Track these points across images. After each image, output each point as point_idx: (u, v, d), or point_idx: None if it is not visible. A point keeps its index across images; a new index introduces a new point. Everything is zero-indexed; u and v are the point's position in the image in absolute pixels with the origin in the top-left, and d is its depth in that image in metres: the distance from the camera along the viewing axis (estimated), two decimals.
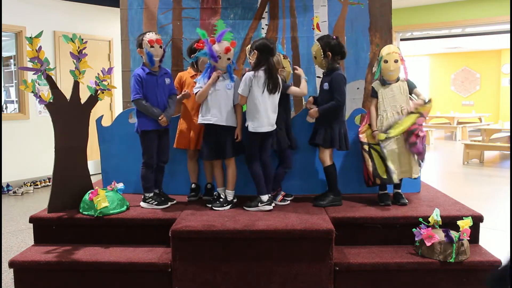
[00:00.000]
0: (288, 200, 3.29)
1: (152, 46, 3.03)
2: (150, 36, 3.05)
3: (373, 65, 3.75)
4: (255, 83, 2.99)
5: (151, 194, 3.16)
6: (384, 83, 3.22)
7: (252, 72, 3.01)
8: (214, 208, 3.11)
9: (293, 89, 3.22)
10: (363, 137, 3.22)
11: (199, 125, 3.25)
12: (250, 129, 3.05)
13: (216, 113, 3.07)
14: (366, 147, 3.18)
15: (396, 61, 3.15)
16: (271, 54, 3.02)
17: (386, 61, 3.16)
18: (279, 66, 3.17)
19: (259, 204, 3.09)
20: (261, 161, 3.12)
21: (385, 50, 3.20)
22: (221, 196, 3.19)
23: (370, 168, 3.15)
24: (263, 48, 3.00)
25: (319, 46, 3.15)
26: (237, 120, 3.14)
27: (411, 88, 3.23)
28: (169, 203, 3.17)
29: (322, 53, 3.14)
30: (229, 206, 3.14)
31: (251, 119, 3.06)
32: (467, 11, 7.59)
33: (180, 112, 3.45)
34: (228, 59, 3.07)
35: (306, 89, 3.26)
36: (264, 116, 3.03)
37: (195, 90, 3.10)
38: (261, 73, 3.00)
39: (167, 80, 3.19)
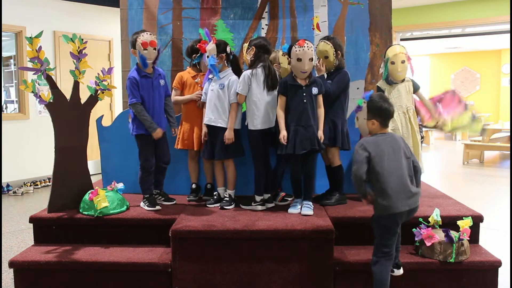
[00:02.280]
0: (288, 200, 3.29)
1: (145, 49, 2.97)
2: (145, 37, 2.98)
3: (374, 65, 3.75)
4: (254, 81, 3.00)
5: (147, 196, 3.16)
6: (391, 83, 3.23)
7: (249, 71, 3.02)
8: (224, 208, 3.12)
9: None
10: None
11: (201, 126, 3.26)
12: (251, 127, 3.05)
13: (209, 113, 3.12)
14: None
15: (403, 62, 3.18)
16: (268, 53, 3.06)
17: (393, 63, 3.18)
18: (275, 62, 3.19)
19: (252, 203, 3.10)
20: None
21: (391, 52, 3.21)
22: (225, 195, 3.21)
23: None
24: (260, 46, 3.03)
25: (331, 45, 3.14)
26: (229, 121, 3.09)
27: (416, 88, 3.28)
28: (157, 207, 3.13)
29: (334, 53, 3.13)
30: (234, 204, 3.17)
31: (251, 118, 3.06)
32: (467, 11, 7.59)
33: (180, 112, 3.46)
34: (208, 56, 3.09)
35: None
36: (265, 113, 3.04)
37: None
38: (259, 71, 3.01)
39: (162, 82, 3.17)
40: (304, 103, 2.92)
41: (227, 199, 3.18)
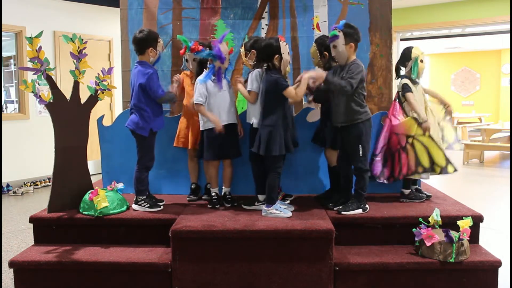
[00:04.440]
0: (288, 200, 3.29)
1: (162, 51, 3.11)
2: (161, 42, 3.15)
3: (374, 65, 3.75)
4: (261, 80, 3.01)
5: (144, 197, 3.14)
6: (415, 82, 3.26)
7: (259, 70, 3.01)
8: (227, 205, 3.18)
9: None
10: (405, 129, 3.20)
11: (198, 124, 3.26)
12: (256, 125, 3.04)
13: (228, 113, 3.13)
14: (410, 139, 3.20)
15: (422, 61, 3.26)
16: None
17: (422, 61, 3.24)
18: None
19: (256, 204, 3.10)
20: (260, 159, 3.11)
21: (418, 50, 3.25)
22: (227, 194, 3.25)
23: (413, 160, 3.18)
24: (262, 49, 2.98)
25: (315, 47, 3.19)
26: (236, 117, 3.21)
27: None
28: (161, 206, 3.14)
29: (318, 54, 3.18)
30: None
31: (256, 116, 3.06)
32: (467, 11, 7.59)
33: (180, 111, 3.46)
34: (228, 60, 3.14)
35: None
36: None
37: (196, 100, 3.05)
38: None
39: None
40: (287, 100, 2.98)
41: (229, 197, 3.24)
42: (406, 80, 3.24)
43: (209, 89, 3.08)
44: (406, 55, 3.26)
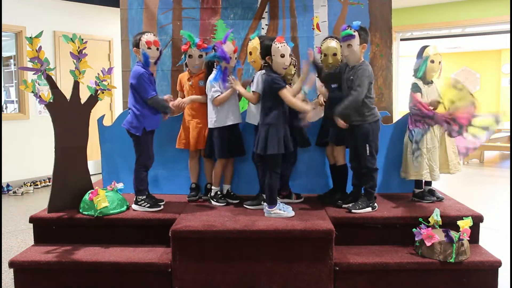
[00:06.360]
0: (301, 199, 3.32)
1: (149, 48, 2.98)
2: (148, 37, 3.00)
3: (374, 65, 3.75)
4: None
5: (144, 197, 3.13)
6: (427, 82, 3.24)
7: (263, 71, 3.01)
8: (233, 201, 3.24)
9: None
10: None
11: (199, 126, 3.26)
12: None
13: (236, 112, 3.18)
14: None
15: (440, 62, 3.21)
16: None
17: (432, 61, 3.19)
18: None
19: (263, 203, 3.10)
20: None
21: (431, 50, 3.21)
22: (229, 191, 3.30)
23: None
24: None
25: (338, 43, 3.13)
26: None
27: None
28: (161, 206, 3.14)
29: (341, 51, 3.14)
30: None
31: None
32: (467, 11, 7.59)
33: (180, 112, 3.46)
34: (235, 58, 3.16)
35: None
36: None
37: (214, 95, 3.07)
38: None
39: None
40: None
41: (233, 194, 3.30)
42: (415, 80, 3.23)
43: (221, 88, 3.11)
44: (419, 53, 3.26)
